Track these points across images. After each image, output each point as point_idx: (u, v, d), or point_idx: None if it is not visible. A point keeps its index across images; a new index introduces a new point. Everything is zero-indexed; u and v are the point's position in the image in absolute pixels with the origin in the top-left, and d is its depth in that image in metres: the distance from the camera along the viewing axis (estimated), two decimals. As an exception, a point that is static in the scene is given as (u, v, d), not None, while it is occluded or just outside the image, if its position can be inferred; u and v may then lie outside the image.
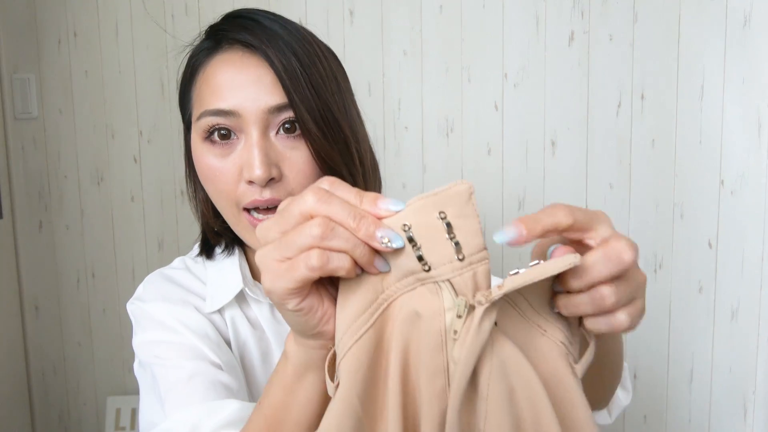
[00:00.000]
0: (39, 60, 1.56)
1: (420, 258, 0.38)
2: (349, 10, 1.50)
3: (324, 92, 0.65)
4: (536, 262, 0.38)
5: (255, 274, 0.74)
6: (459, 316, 0.38)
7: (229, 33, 0.65)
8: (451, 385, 0.39)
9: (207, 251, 0.76)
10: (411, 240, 0.37)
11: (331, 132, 0.65)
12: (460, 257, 0.37)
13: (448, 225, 0.37)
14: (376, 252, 0.38)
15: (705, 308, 1.52)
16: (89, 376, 1.65)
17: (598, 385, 0.63)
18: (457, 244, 0.37)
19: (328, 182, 0.40)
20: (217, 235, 0.74)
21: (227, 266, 0.73)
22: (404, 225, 0.37)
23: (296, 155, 0.64)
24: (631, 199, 1.51)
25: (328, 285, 0.42)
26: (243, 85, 0.62)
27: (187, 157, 0.74)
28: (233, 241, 0.74)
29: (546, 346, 0.41)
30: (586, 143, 1.50)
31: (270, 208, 0.63)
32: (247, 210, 0.64)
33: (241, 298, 0.72)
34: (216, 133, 0.64)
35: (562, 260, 0.37)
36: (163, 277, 0.75)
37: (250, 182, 0.62)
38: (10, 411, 1.57)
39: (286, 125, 0.63)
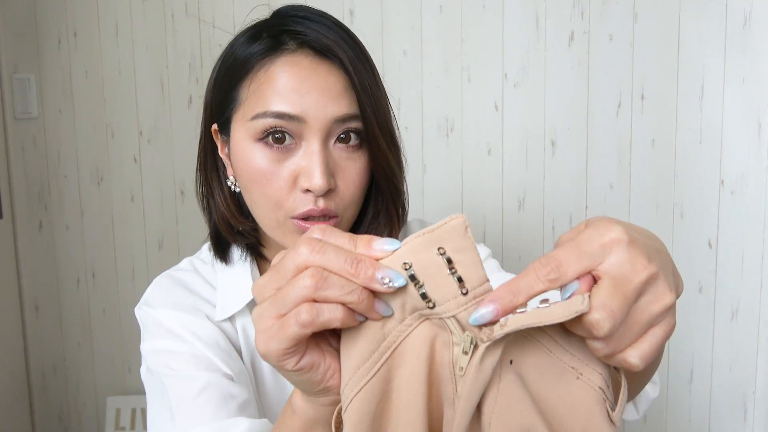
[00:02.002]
0: (39, 60, 1.56)
1: (424, 296, 0.37)
2: (349, 10, 1.50)
3: (384, 103, 0.65)
4: (545, 301, 0.36)
5: None
6: (465, 353, 0.37)
7: (298, 35, 0.63)
8: (455, 419, 0.38)
9: (221, 253, 0.73)
10: (413, 278, 0.36)
11: (393, 143, 0.66)
12: (464, 291, 0.37)
13: (449, 260, 0.36)
14: (376, 296, 0.37)
15: (705, 308, 1.52)
16: (89, 376, 1.65)
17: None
18: (459, 279, 0.37)
19: (320, 231, 0.38)
20: (237, 235, 0.71)
21: (239, 273, 0.71)
22: (404, 264, 0.36)
23: (351, 166, 0.64)
24: (631, 199, 1.51)
25: (330, 338, 0.41)
26: (311, 91, 0.61)
27: (204, 152, 0.72)
28: (256, 242, 0.71)
29: (580, 390, 0.38)
30: (586, 143, 1.50)
31: (321, 218, 0.62)
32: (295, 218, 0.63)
33: (252, 306, 0.71)
34: (271, 136, 0.62)
35: (568, 306, 0.34)
36: (172, 280, 0.72)
37: (306, 191, 0.61)
38: (10, 411, 1.57)
39: (342, 135, 0.63)
